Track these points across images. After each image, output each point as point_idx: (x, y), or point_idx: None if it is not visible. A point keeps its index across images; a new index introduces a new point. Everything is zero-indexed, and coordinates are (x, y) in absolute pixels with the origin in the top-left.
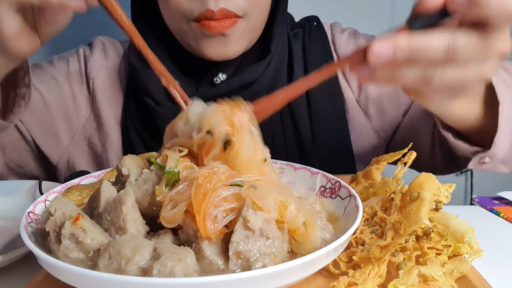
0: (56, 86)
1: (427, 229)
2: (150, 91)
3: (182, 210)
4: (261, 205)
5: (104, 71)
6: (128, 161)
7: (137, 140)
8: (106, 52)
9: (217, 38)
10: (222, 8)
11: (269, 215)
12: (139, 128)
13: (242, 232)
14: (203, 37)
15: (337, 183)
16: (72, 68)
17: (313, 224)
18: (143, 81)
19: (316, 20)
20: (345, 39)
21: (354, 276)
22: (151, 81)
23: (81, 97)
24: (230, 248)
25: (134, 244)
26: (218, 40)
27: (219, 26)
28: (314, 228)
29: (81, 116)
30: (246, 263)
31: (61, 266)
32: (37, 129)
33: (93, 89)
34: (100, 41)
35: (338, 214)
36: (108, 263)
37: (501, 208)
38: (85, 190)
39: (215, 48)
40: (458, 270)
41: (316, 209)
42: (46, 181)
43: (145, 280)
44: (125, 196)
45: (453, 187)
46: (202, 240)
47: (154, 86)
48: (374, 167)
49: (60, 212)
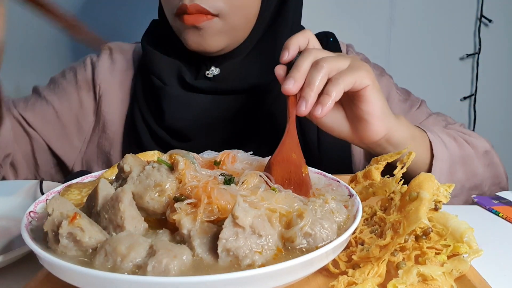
0: (66, 96)
1: (426, 228)
2: (159, 71)
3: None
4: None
5: (111, 74)
6: (130, 159)
7: (142, 125)
8: (112, 56)
9: (192, 29)
10: (195, 4)
11: (259, 211)
12: (144, 113)
13: (231, 229)
14: (183, 28)
15: (337, 183)
16: (80, 78)
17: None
18: (153, 62)
19: (332, 37)
20: None
21: (353, 275)
22: (161, 62)
23: (89, 102)
24: (219, 245)
25: (130, 242)
26: (193, 32)
27: (192, 19)
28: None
29: (89, 121)
30: (235, 260)
31: (61, 265)
32: (52, 138)
33: (99, 94)
34: (107, 47)
35: None
36: (104, 261)
37: (501, 208)
38: (85, 189)
39: (192, 39)
40: (457, 269)
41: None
42: (47, 181)
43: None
44: (122, 194)
45: (453, 187)
46: (194, 239)
47: (163, 67)
48: (373, 167)
49: (58, 212)
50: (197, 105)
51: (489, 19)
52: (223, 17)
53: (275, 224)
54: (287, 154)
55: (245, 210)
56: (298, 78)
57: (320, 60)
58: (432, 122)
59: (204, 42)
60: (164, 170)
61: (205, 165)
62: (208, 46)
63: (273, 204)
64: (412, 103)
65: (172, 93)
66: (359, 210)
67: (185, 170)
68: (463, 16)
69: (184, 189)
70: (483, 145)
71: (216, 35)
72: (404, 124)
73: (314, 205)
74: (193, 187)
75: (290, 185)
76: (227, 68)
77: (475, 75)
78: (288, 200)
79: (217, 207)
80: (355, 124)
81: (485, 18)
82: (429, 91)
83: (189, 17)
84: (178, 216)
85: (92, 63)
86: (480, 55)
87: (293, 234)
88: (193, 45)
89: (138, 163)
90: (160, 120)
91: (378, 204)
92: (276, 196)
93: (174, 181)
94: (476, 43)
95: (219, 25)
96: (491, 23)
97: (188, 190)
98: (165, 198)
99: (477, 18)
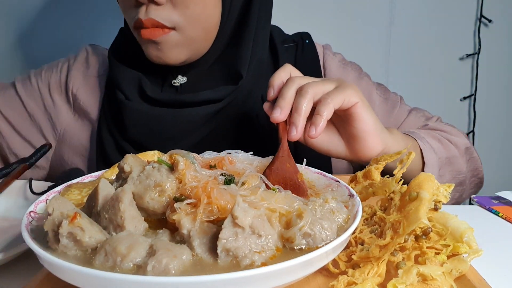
0: (40, 97)
1: (426, 228)
2: (121, 85)
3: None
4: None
5: (84, 78)
6: (131, 159)
7: (108, 137)
8: (88, 60)
9: (150, 43)
10: (149, 18)
11: (259, 211)
12: (110, 124)
13: (231, 229)
14: (142, 42)
15: (337, 183)
16: (53, 81)
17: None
18: (116, 75)
19: (308, 38)
20: (336, 65)
21: (353, 275)
22: (124, 76)
23: (62, 105)
24: (218, 245)
25: (130, 241)
26: (151, 45)
27: (148, 33)
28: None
29: (63, 121)
30: (235, 260)
31: (61, 264)
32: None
33: (73, 97)
34: (85, 50)
35: None
36: (104, 260)
37: (500, 208)
38: (85, 188)
39: (152, 52)
40: (457, 269)
41: (331, 206)
42: (36, 180)
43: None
44: (122, 194)
45: (452, 187)
46: (193, 239)
47: (126, 81)
48: (373, 167)
49: (58, 211)
50: (158, 118)
51: (489, 19)
52: (180, 30)
53: (274, 224)
54: (281, 164)
55: (244, 210)
56: (285, 106)
57: (304, 86)
58: (413, 119)
59: (164, 55)
60: (164, 170)
61: (205, 165)
62: (168, 58)
63: (273, 204)
64: (393, 103)
65: (133, 107)
66: (359, 210)
67: (185, 170)
68: (463, 16)
69: (184, 189)
70: (463, 142)
71: (175, 48)
72: (399, 137)
73: (314, 205)
74: (193, 187)
75: (286, 189)
76: (194, 76)
77: (475, 75)
78: (288, 200)
79: (217, 207)
80: (351, 143)
81: (485, 18)
82: (429, 91)
83: (145, 32)
84: (178, 216)
85: (69, 66)
86: (480, 55)
87: (292, 234)
88: (153, 58)
89: (139, 163)
90: (124, 132)
91: (378, 204)
92: (276, 196)
93: (174, 181)
94: (476, 43)
95: (176, 37)
96: (491, 23)
97: (188, 190)
98: (165, 198)
99: (477, 18)
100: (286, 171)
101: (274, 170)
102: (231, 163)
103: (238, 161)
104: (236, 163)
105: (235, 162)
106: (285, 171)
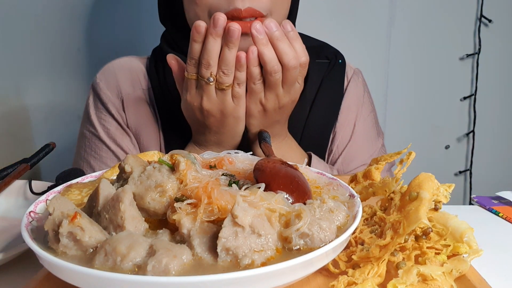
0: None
1: (426, 228)
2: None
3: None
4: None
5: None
6: (131, 159)
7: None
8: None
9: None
10: (249, 8)
11: (259, 211)
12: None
13: (231, 228)
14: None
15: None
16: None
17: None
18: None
19: (341, 58)
20: (356, 95)
21: (353, 275)
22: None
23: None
24: (218, 244)
25: (130, 241)
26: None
27: (244, 27)
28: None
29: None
30: (235, 259)
31: (61, 264)
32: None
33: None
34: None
35: None
36: (104, 260)
37: (500, 208)
38: (85, 189)
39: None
40: (457, 269)
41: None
42: (35, 181)
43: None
44: (123, 194)
45: (452, 187)
46: (193, 238)
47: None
48: (373, 167)
49: (59, 211)
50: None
51: (489, 19)
52: (269, 17)
53: (274, 224)
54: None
55: (244, 210)
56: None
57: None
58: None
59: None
60: (165, 171)
61: (205, 165)
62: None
63: (273, 204)
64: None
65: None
66: (359, 210)
67: (186, 171)
68: (463, 16)
69: (186, 190)
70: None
71: None
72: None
73: (313, 206)
74: (194, 188)
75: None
76: None
77: (475, 75)
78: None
79: (217, 207)
80: None
81: (485, 18)
82: (429, 91)
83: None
84: (178, 216)
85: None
86: (480, 55)
87: (289, 234)
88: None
89: (139, 163)
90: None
91: (378, 204)
92: (276, 197)
93: (175, 181)
94: (476, 43)
95: None
96: (491, 23)
97: (189, 191)
98: (166, 198)
99: (477, 18)
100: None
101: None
102: (231, 163)
103: (238, 161)
104: (236, 163)
105: (235, 162)
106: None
